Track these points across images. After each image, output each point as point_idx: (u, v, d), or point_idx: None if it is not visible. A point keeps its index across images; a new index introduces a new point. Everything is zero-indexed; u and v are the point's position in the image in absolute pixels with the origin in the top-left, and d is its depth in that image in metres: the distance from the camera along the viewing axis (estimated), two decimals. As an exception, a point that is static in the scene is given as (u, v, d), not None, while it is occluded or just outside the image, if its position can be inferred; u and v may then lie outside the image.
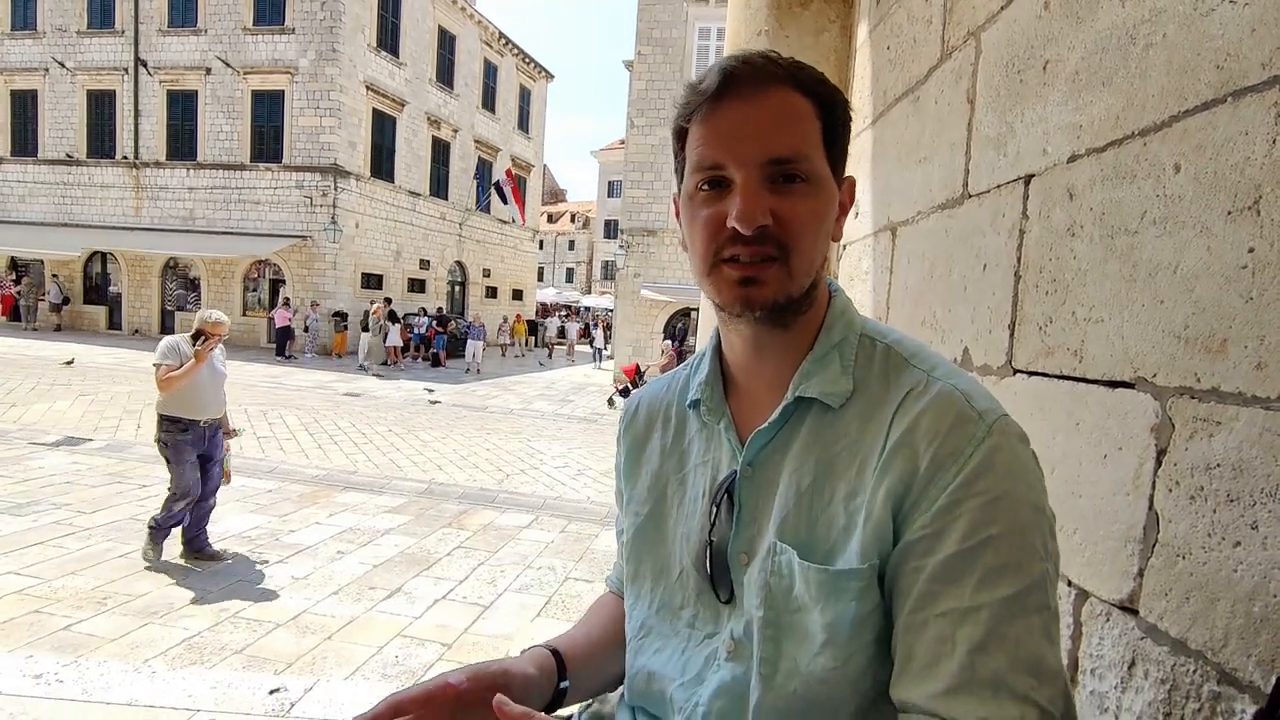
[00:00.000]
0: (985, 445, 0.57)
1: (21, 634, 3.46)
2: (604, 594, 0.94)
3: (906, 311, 1.61)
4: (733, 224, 0.62)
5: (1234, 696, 0.67)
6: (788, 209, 0.63)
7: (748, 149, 0.63)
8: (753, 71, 0.63)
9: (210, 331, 4.47)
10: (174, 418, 4.45)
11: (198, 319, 4.55)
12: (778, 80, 0.63)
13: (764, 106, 0.63)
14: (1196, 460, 0.73)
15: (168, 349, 4.40)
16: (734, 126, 0.63)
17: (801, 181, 0.64)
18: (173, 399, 4.43)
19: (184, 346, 4.44)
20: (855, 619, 0.60)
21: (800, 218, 0.63)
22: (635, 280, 18.45)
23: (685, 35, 17.49)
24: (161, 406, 4.46)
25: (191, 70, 20.08)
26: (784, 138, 0.63)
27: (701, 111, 0.65)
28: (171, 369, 4.34)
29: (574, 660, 0.79)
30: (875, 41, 1.94)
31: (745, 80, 0.63)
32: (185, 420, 4.48)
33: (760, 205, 0.62)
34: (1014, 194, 1.12)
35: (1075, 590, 0.93)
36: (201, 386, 4.50)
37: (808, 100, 0.64)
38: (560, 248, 58.29)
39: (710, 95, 0.64)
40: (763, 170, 0.63)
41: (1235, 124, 0.70)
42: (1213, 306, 0.71)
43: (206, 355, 4.41)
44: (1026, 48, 1.10)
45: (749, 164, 0.63)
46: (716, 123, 0.64)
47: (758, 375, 0.73)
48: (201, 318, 4.53)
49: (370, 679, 3.33)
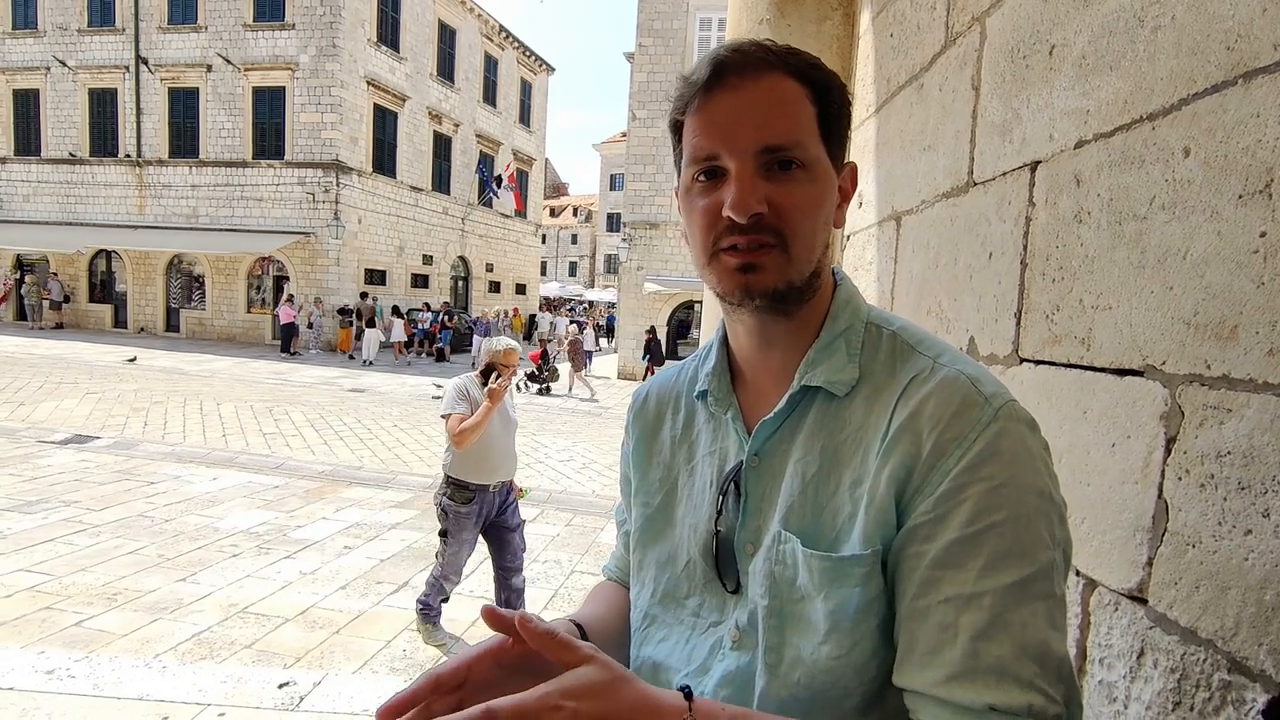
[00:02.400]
0: (990, 430, 0.57)
1: (33, 630, 3.49)
2: (602, 581, 0.94)
3: (911, 301, 1.60)
4: (728, 213, 0.62)
5: (1245, 685, 0.66)
6: (784, 196, 0.62)
7: (741, 137, 0.62)
8: (744, 60, 0.63)
9: (502, 364, 3.63)
10: (462, 483, 3.61)
11: (484, 351, 3.72)
12: (769, 67, 0.63)
13: (756, 94, 0.62)
14: (1207, 448, 0.72)
15: (457, 394, 3.57)
16: (727, 116, 0.63)
17: (798, 168, 0.63)
18: (465, 459, 3.57)
19: (474, 389, 3.60)
20: (859, 606, 0.59)
21: (797, 204, 0.63)
22: (638, 273, 18.42)
23: (686, 26, 17.39)
24: (453, 468, 3.61)
25: (192, 67, 20.06)
26: (778, 124, 0.62)
27: (695, 103, 0.65)
28: (464, 418, 3.49)
29: (593, 635, 0.78)
30: (878, 29, 1.92)
31: (736, 69, 0.63)
32: (474, 486, 3.60)
33: (755, 193, 0.62)
34: (1020, 181, 1.11)
35: (1083, 580, 0.93)
36: (494, 440, 3.62)
37: (802, 86, 0.63)
38: (563, 242, 58.23)
39: (702, 86, 0.64)
40: (757, 158, 0.62)
41: (1246, 106, 0.68)
42: (1223, 292, 0.70)
43: (504, 392, 3.56)
44: (1032, 32, 1.09)
45: (743, 152, 0.62)
46: (709, 113, 0.64)
47: (763, 365, 0.72)
48: (489, 349, 3.70)
49: (379, 672, 3.35)
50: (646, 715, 0.49)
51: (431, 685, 0.57)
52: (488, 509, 3.66)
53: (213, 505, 5.81)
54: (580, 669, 0.51)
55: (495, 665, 0.60)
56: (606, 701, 0.48)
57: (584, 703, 0.48)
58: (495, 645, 0.61)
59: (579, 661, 0.52)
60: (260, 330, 20.40)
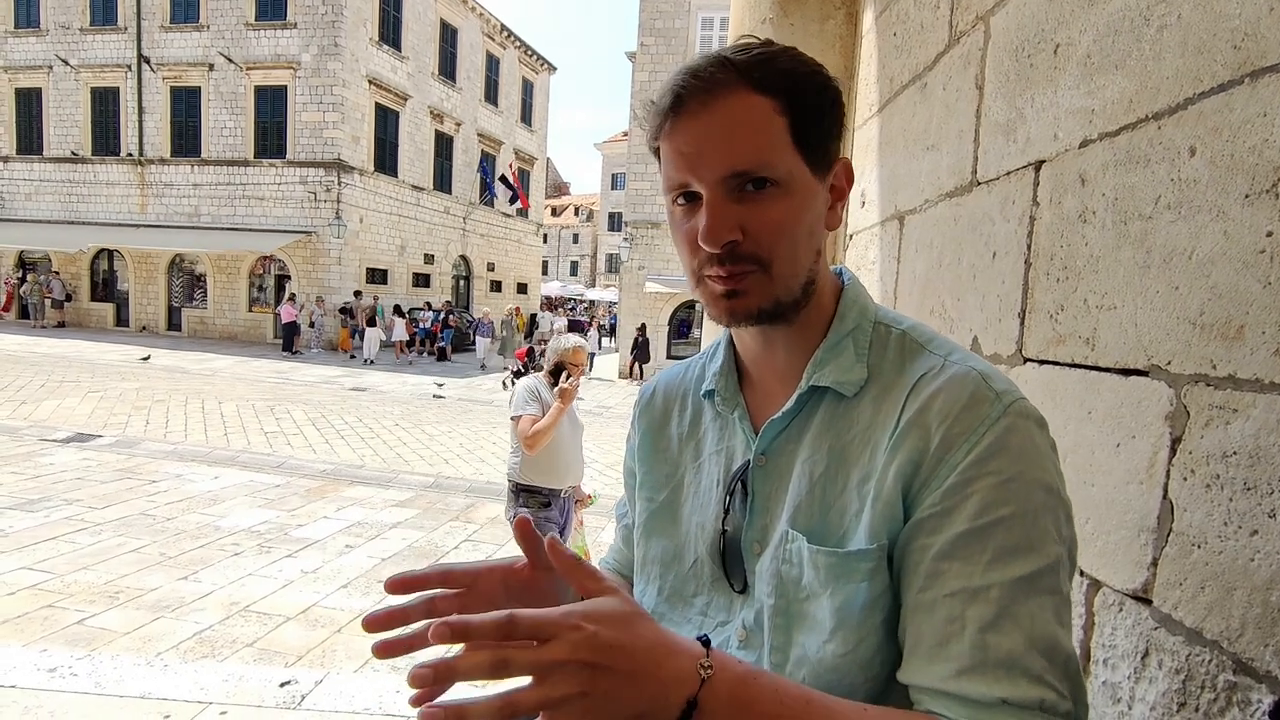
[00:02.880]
0: (999, 425, 0.57)
1: (36, 628, 3.49)
2: None
3: (915, 301, 1.60)
4: (701, 243, 0.62)
5: (1250, 686, 0.66)
6: (757, 219, 0.61)
7: (706, 166, 0.61)
8: (700, 85, 0.61)
9: (571, 363, 3.48)
10: (534, 489, 3.44)
11: (552, 350, 3.54)
12: (727, 87, 0.61)
13: (715, 119, 0.61)
14: (1212, 448, 0.72)
15: (528, 395, 3.40)
16: (690, 144, 0.62)
17: (771, 185, 0.61)
18: (535, 463, 3.41)
19: (544, 390, 3.44)
20: (865, 602, 0.59)
21: (771, 226, 0.62)
22: (640, 273, 18.42)
23: (688, 25, 17.38)
24: (522, 473, 3.45)
25: (194, 66, 20.07)
26: (741, 147, 0.60)
27: (665, 129, 0.64)
28: (536, 420, 3.33)
29: None
30: (881, 28, 1.92)
31: (696, 94, 0.61)
32: (547, 491, 3.46)
33: (725, 222, 0.61)
34: (1024, 181, 1.11)
35: (1087, 580, 0.93)
36: (563, 442, 3.47)
37: (767, 98, 0.61)
38: (564, 241, 58.23)
39: (667, 114, 0.63)
40: (725, 184, 0.61)
41: (1253, 105, 0.68)
42: (1229, 292, 0.70)
43: (575, 392, 3.39)
44: (1037, 31, 1.08)
45: (709, 181, 0.62)
46: (675, 142, 0.63)
47: (770, 366, 0.72)
48: (558, 348, 3.52)
49: (380, 671, 3.35)
50: (664, 652, 0.49)
51: (440, 576, 0.61)
52: (564, 514, 3.51)
53: (214, 504, 5.82)
54: (604, 598, 0.50)
55: (501, 584, 0.64)
56: (626, 631, 0.48)
57: (604, 628, 0.47)
58: (505, 565, 0.64)
59: (602, 591, 0.51)
60: (262, 329, 20.42)
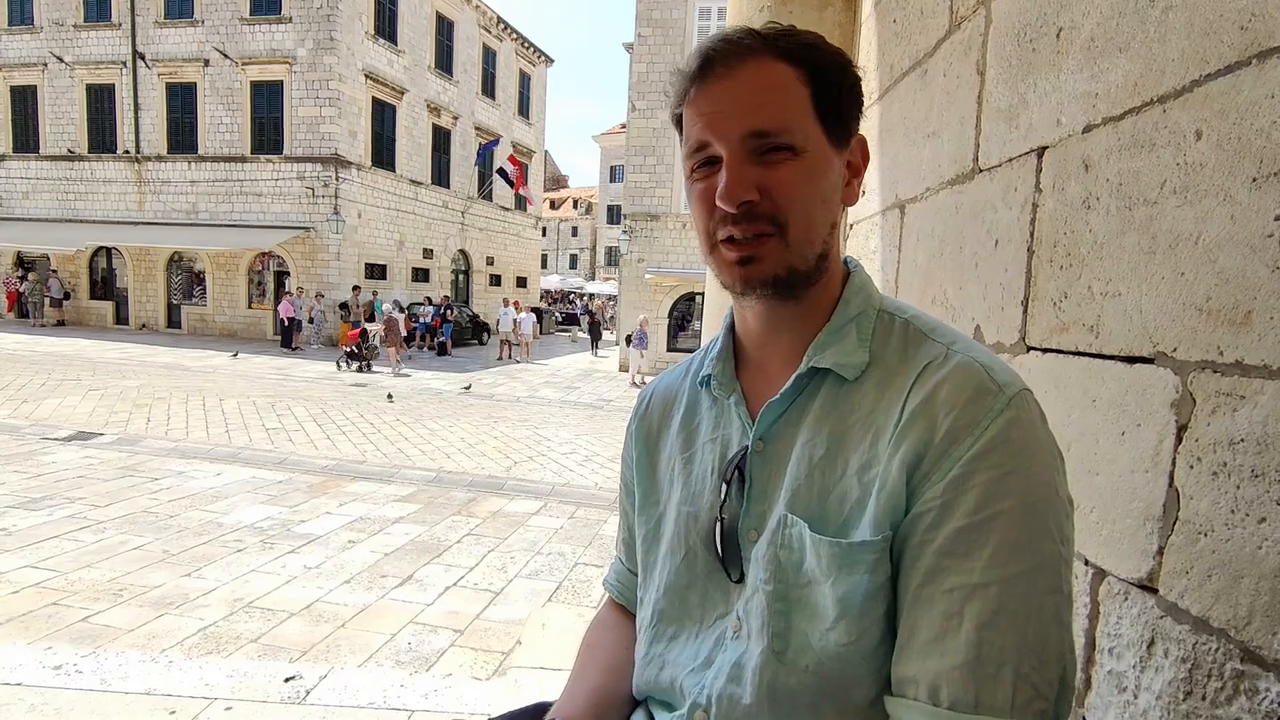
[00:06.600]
0: (1002, 418, 0.56)
1: (40, 626, 3.50)
2: (600, 614, 0.92)
3: (916, 290, 1.59)
4: (718, 202, 0.62)
5: (1258, 675, 0.65)
6: (776, 180, 0.62)
7: (728, 124, 0.63)
8: (729, 48, 0.63)
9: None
10: None
11: None
12: (755, 52, 0.63)
13: (742, 80, 0.63)
14: (1219, 436, 0.71)
15: None
16: (715, 104, 0.63)
17: (789, 151, 0.63)
18: None
19: None
20: (868, 592, 0.59)
21: (789, 188, 0.63)
22: (639, 265, 18.37)
23: (686, 16, 17.26)
24: None
25: (190, 62, 19.97)
26: (764, 110, 0.62)
27: (689, 95, 0.65)
28: None
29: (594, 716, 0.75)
30: (881, 15, 1.90)
31: (723, 58, 0.63)
32: None
33: (743, 181, 0.62)
34: (1026, 167, 1.10)
35: (1092, 569, 0.92)
36: None
37: (794, 67, 0.63)
38: (563, 234, 58.11)
39: (694, 77, 0.65)
40: (744, 144, 0.62)
41: (1260, 87, 0.67)
42: (1237, 277, 0.69)
43: None
44: (1039, 15, 1.07)
45: (730, 139, 0.63)
46: (700, 104, 0.65)
47: (772, 349, 0.72)
48: None
49: (384, 665, 3.36)
50: None
51: None
52: None
53: (216, 501, 5.82)
54: None
55: None
56: None
57: None
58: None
59: None
60: (261, 325, 20.40)
